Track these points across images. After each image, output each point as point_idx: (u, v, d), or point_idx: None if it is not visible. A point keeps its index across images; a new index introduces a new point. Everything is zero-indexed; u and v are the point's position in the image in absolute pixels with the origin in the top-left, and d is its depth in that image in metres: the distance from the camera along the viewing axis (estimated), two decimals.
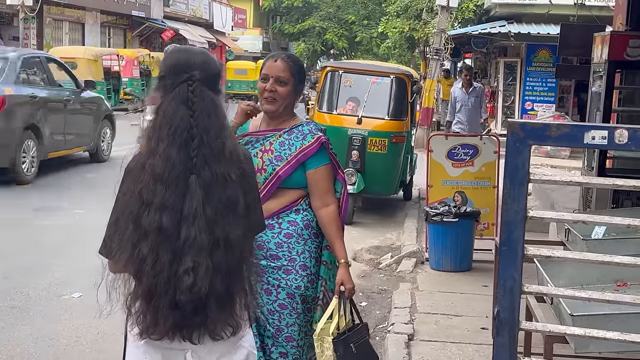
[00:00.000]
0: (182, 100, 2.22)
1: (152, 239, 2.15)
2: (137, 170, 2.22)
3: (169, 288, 2.15)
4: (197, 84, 2.24)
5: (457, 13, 22.00)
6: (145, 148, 2.24)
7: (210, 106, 2.25)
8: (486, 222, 7.39)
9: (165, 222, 2.15)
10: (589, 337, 2.13)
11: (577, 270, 3.65)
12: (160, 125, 2.21)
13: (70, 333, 5.01)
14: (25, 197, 9.46)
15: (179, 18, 34.49)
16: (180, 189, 2.18)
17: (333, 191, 3.23)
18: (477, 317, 5.42)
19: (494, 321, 2.12)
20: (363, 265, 7.28)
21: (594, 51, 7.26)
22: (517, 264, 2.09)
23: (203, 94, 2.25)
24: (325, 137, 3.22)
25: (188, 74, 2.25)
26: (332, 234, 3.17)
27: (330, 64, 10.43)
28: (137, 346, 2.34)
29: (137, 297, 2.22)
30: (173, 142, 2.18)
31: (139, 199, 2.18)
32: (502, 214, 2.09)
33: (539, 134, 2.04)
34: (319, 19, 40.78)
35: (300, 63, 3.31)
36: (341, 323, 3.14)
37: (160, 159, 2.18)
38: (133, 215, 2.18)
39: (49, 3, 24.31)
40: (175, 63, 2.31)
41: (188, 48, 2.46)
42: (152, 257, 2.15)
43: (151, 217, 2.15)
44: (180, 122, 2.20)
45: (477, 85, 12.27)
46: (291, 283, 3.15)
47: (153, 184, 2.17)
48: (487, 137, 7.90)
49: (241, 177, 2.27)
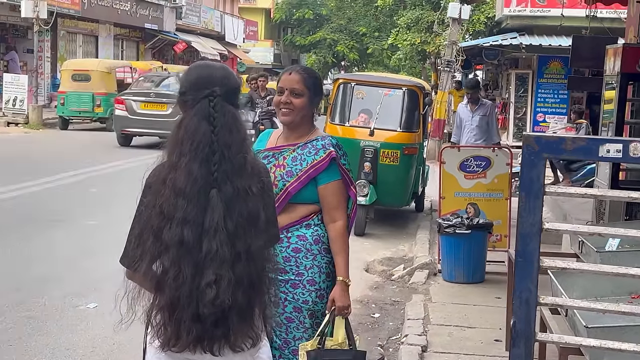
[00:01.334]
0: (204, 115, 2.26)
1: (173, 253, 2.19)
2: (159, 184, 2.26)
3: (191, 301, 2.19)
4: (218, 99, 2.28)
5: (469, 25, 22.07)
6: (167, 161, 2.28)
7: (231, 121, 2.29)
8: (499, 233, 7.40)
9: (187, 235, 2.19)
10: (604, 348, 2.15)
11: (590, 282, 3.66)
12: (182, 140, 2.25)
13: (86, 343, 5.06)
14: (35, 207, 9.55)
15: (191, 30, 34.73)
16: (201, 203, 2.21)
17: (344, 207, 3.23)
18: (490, 329, 5.43)
19: (510, 332, 2.14)
20: (375, 277, 7.30)
21: (606, 63, 7.28)
22: (532, 275, 2.12)
23: (224, 109, 2.29)
24: (339, 152, 3.22)
25: (209, 89, 2.29)
26: (335, 250, 3.18)
27: (342, 76, 10.49)
28: (158, 358, 2.37)
29: (158, 309, 2.25)
30: (195, 157, 2.22)
31: (160, 213, 2.22)
32: (517, 227, 2.12)
33: (554, 147, 2.07)
34: (330, 31, 40.92)
35: (316, 75, 3.34)
36: (333, 342, 3.10)
37: (182, 173, 2.21)
38: (154, 229, 2.22)
39: (63, 16, 24.55)
40: (196, 79, 2.35)
41: (209, 64, 2.50)
42: (174, 270, 2.19)
43: (173, 231, 2.19)
44: (202, 137, 2.24)
45: (486, 102, 10.61)
46: (298, 297, 3.17)
47: (174, 198, 2.21)
48: (500, 149, 7.92)
49: (262, 191, 2.31)
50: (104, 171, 12.99)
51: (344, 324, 3.16)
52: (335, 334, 3.14)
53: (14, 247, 7.45)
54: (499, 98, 21.89)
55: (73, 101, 19.90)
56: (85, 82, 20.03)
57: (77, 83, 20.12)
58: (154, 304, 2.27)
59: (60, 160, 13.74)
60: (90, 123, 21.09)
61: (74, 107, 20.01)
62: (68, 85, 20.20)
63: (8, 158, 13.95)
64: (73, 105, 20.00)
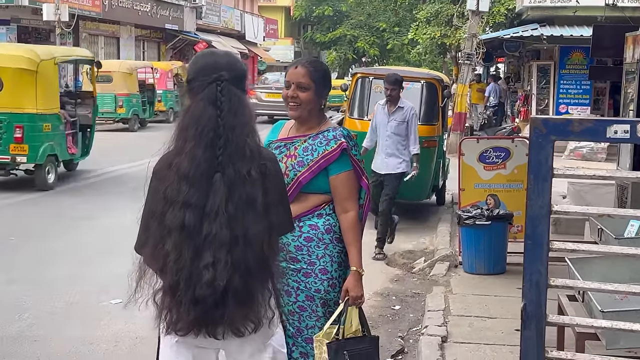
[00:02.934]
0: (211, 100, 2.29)
1: (175, 236, 2.22)
2: (164, 170, 2.30)
3: (190, 283, 2.22)
4: (225, 83, 2.31)
5: (489, 17, 21.91)
6: (173, 148, 2.31)
7: (237, 105, 2.31)
8: (519, 224, 7.34)
9: (188, 219, 2.22)
10: (617, 330, 2.15)
11: (608, 269, 3.65)
12: (187, 125, 2.28)
13: (109, 338, 5.12)
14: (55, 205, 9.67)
15: (211, 30, 34.89)
16: (204, 186, 2.24)
17: (355, 197, 3.24)
18: (511, 319, 5.40)
19: (521, 315, 2.15)
20: (396, 270, 7.30)
21: (626, 51, 7.22)
22: (542, 258, 2.12)
23: (231, 92, 2.31)
24: (350, 143, 3.23)
25: (216, 74, 2.32)
26: (348, 240, 3.20)
27: (360, 71, 10.48)
28: (170, 345, 2.40)
29: (162, 292, 2.29)
30: (199, 142, 2.25)
31: (164, 198, 2.25)
32: (526, 209, 2.12)
33: (561, 129, 2.07)
34: (349, 27, 40.89)
35: (323, 68, 3.33)
36: (347, 330, 3.12)
37: (186, 157, 2.24)
38: (158, 214, 2.26)
39: (84, 18, 24.79)
40: (203, 65, 2.38)
41: (214, 51, 2.53)
42: (175, 253, 2.22)
43: (174, 215, 2.22)
44: (207, 121, 2.26)
45: (406, 104, 8.05)
46: (310, 286, 3.19)
47: (178, 182, 2.24)
48: (520, 139, 7.87)
49: (262, 175, 2.31)
50: (126, 170, 13.09)
51: (357, 313, 3.19)
52: (349, 323, 3.16)
53: (38, 244, 7.56)
54: (521, 90, 21.74)
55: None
56: (107, 84, 20.20)
57: (99, 84, 20.25)
58: (159, 287, 2.31)
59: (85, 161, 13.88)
60: (113, 124, 21.27)
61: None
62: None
63: None
64: None
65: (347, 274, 3.22)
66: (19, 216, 9.18)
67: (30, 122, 10.35)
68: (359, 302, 3.17)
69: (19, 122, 10.20)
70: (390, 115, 7.91)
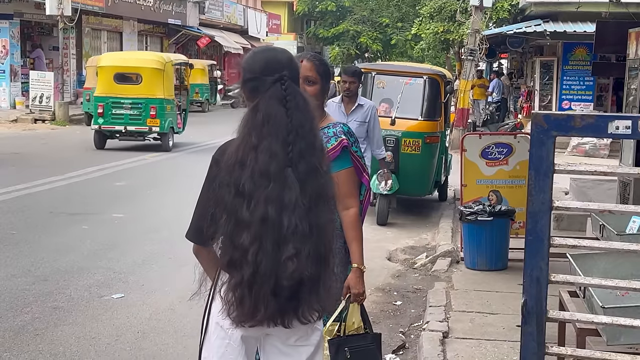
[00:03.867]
0: (278, 98, 2.36)
1: (256, 229, 2.28)
2: (232, 164, 2.34)
3: (271, 275, 2.28)
4: (288, 82, 2.38)
5: (492, 13, 21.86)
6: (241, 142, 2.35)
7: (302, 102, 2.39)
8: (521, 220, 7.34)
9: (271, 213, 2.28)
10: (618, 325, 2.15)
11: (610, 265, 3.65)
12: (262, 123, 2.34)
13: (111, 332, 5.13)
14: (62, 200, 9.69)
15: (214, 25, 34.84)
16: (280, 181, 2.31)
17: (356, 194, 3.25)
18: (512, 315, 5.40)
19: (522, 310, 2.15)
20: (398, 265, 7.30)
21: (629, 47, 7.19)
22: (543, 253, 2.13)
23: (294, 91, 2.39)
24: (350, 139, 3.23)
25: (279, 73, 2.38)
26: (349, 237, 3.21)
27: (363, 66, 10.47)
28: (222, 337, 2.43)
29: (235, 286, 2.32)
30: (276, 139, 2.32)
31: (237, 192, 2.30)
32: (527, 205, 2.12)
33: (562, 124, 2.07)
34: (352, 23, 40.80)
35: (326, 62, 3.36)
36: (349, 327, 3.13)
37: (264, 154, 2.31)
38: (228, 207, 2.31)
39: (87, 13, 24.76)
40: (265, 63, 2.43)
41: (271, 48, 2.58)
42: (255, 246, 2.28)
43: (255, 209, 2.28)
44: (280, 119, 2.34)
45: (366, 102, 6.99)
46: None
47: (256, 176, 2.30)
48: (522, 135, 7.87)
49: (329, 167, 2.44)
50: (129, 165, 13.12)
51: (359, 310, 3.19)
52: (350, 320, 3.16)
53: (41, 239, 7.57)
54: (524, 86, 21.69)
55: None
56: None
57: None
58: (227, 281, 2.34)
59: (86, 156, 13.91)
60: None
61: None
62: (93, 82, 20.30)
63: (36, 153, 14.15)
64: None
65: (349, 271, 3.22)
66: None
67: (159, 104, 15.17)
68: (360, 298, 3.17)
69: (152, 104, 15.12)
70: (348, 116, 6.62)
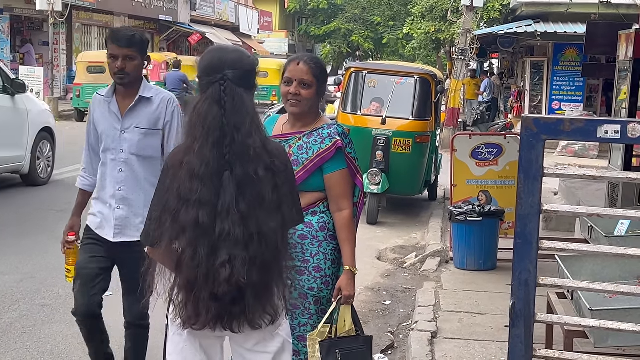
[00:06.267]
0: (215, 99, 2.32)
1: (189, 234, 2.27)
2: (176, 167, 2.33)
3: (208, 280, 2.26)
4: (228, 83, 2.33)
5: (483, 13, 21.92)
6: (184, 144, 2.35)
7: (240, 104, 2.33)
8: (511, 221, 7.37)
9: (202, 217, 2.26)
10: (605, 329, 2.16)
11: (598, 267, 3.67)
12: (195, 124, 2.32)
13: None
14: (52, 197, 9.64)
15: (205, 22, 34.76)
16: (215, 185, 2.28)
17: (350, 196, 3.24)
18: (500, 315, 5.42)
19: (510, 313, 2.16)
20: (387, 265, 7.31)
21: (619, 49, 7.23)
22: (532, 256, 2.13)
23: (234, 92, 2.33)
24: (345, 140, 3.22)
25: (220, 74, 2.34)
26: (342, 238, 3.20)
27: (354, 65, 10.48)
28: (180, 334, 2.44)
29: (178, 288, 2.33)
30: (207, 141, 2.28)
31: (177, 195, 2.29)
32: (516, 208, 2.13)
33: (552, 128, 2.08)
34: (344, 21, 40.80)
35: (322, 64, 3.33)
36: (340, 330, 3.12)
37: (196, 156, 2.28)
38: (172, 211, 2.30)
39: (78, 8, 24.65)
40: (208, 64, 2.40)
41: (222, 47, 2.54)
42: (191, 250, 2.27)
43: (188, 213, 2.26)
44: (212, 120, 2.29)
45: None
46: (303, 284, 3.19)
47: (189, 180, 2.28)
48: (512, 135, 7.89)
49: (270, 172, 2.35)
50: None
51: (350, 312, 3.19)
52: (341, 322, 3.16)
53: (29, 235, 7.54)
54: (514, 86, 21.76)
55: (88, 93, 19.99)
56: (101, 74, 20.11)
57: (93, 75, 20.24)
58: (175, 282, 2.35)
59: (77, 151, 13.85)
60: None
61: (89, 99, 19.85)
62: (83, 78, 20.33)
63: None
64: (88, 97, 19.96)
65: (341, 272, 3.22)
66: None
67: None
68: (351, 301, 3.17)
69: None
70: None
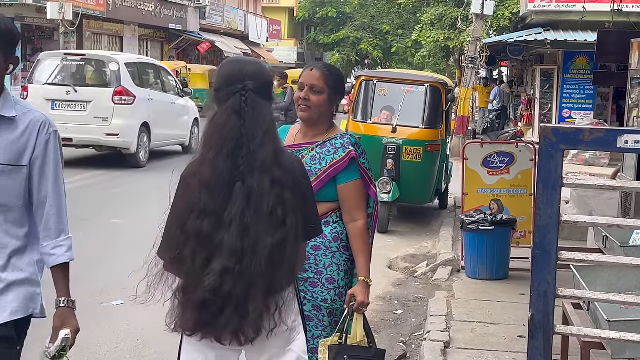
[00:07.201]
0: (235, 110, 2.31)
1: (192, 243, 2.27)
2: (189, 178, 2.33)
3: (197, 287, 2.27)
4: (249, 93, 2.32)
5: (493, 21, 21.90)
6: (199, 156, 2.34)
7: (259, 115, 2.32)
8: (523, 230, 7.34)
9: (205, 227, 2.25)
10: (625, 341, 2.13)
11: (614, 277, 3.63)
12: (211, 134, 2.31)
13: (110, 339, 5.11)
14: None
15: (215, 30, 34.89)
16: (224, 196, 2.27)
17: (363, 206, 3.20)
18: (514, 325, 5.39)
19: (528, 324, 2.13)
20: (399, 274, 7.28)
21: (632, 57, 7.20)
22: (551, 267, 2.11)
23: (254, 103, 2.32)
24: (358, 151, 3.20)
25: (241, 84, 2.33)
26: (356, 249, 3.16)
27: (364, 73, 10.48)
28: (192, 344, 2.43)
29: (175, 292, 2.37)
30: (221, 151, 2.28)
31: (186, 205, 2.29)
32: (535, 219, 2.11)
33: (571, 138, 2.06)
34: (353, 29, 40.86)
35: (339, 74, 3.30)
36: (352, 340, 3.08)
37: (208, 166, 2.28)
38: (180, 221, 2.30)
39: (88, 17, 24.80)
40: (229, 74, 2.39)
41: (241, 59, 2.53)
42: (190, 259, 2.28)
43: (194, 222, 2.26)
44: (230, 131, 2.29)
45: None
46: (317, 296, 3.16)
47: (199, 190, 2.27)
48: (524, 144, 7.86)
49: (281, 186, 2.31)
50: (128, 171, 13.09)
51: (362, 323, 3.16)
52: (354, 332, 3.13)
53: None
54: (524, 94, 21.71)
55: None
56: None
57: None
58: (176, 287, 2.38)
59: (84, 160, 13.89)
60: None
61: None
62: None
63: None
64: None
65: (354, 283, 3.19)
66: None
67: None
68: (363, 309, 3.13)
69: None
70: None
